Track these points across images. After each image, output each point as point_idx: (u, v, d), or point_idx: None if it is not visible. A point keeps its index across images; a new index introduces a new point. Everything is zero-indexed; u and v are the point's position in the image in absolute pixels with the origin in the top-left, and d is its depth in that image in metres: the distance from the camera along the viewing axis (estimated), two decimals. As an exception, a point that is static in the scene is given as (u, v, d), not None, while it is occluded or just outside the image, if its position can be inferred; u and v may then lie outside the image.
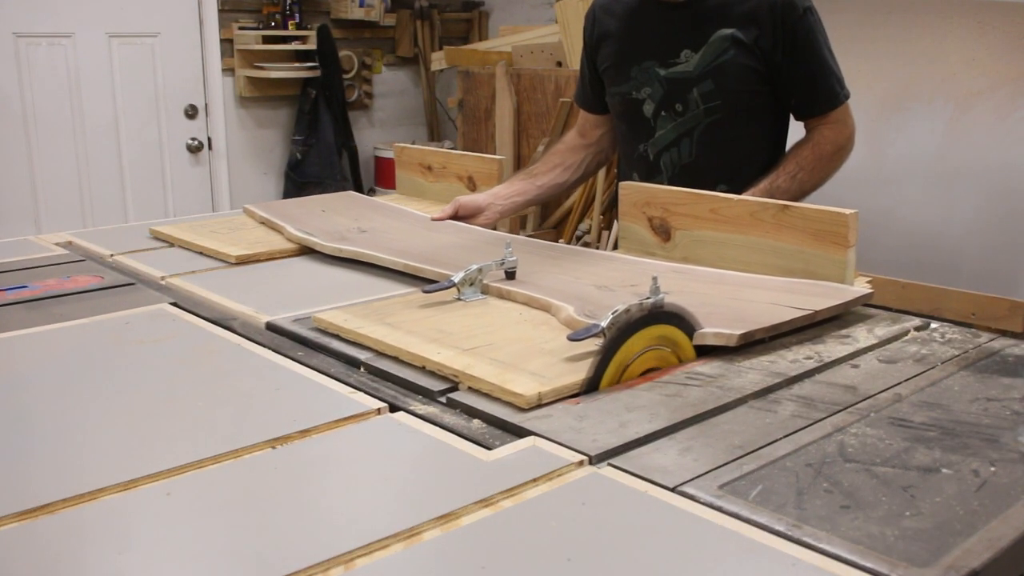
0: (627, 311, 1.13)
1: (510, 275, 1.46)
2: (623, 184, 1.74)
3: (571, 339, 1.13)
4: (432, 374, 1.13)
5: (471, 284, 1.41)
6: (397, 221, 1.93)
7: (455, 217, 1.91)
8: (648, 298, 1.17)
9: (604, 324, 1.12)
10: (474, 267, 1.42)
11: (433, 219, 1.90)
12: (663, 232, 1.66)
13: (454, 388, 1.10)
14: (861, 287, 1.40)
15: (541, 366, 1.11)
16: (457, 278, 1.40)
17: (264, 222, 1.97)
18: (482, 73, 4.09)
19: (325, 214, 1.99)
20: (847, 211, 1.41)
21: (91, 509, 0.84)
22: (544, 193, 2.05)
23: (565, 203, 3.82)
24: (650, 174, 1.91)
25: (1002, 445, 0.94)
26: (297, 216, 1.94)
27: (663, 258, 1.65)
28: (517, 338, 1.22)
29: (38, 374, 1.18)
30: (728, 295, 1.36)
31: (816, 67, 1.79)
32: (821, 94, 1.81)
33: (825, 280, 1.42)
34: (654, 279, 1.18)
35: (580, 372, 1.09)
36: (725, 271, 1.51)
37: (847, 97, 1.82)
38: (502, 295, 1.42)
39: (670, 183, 1.85)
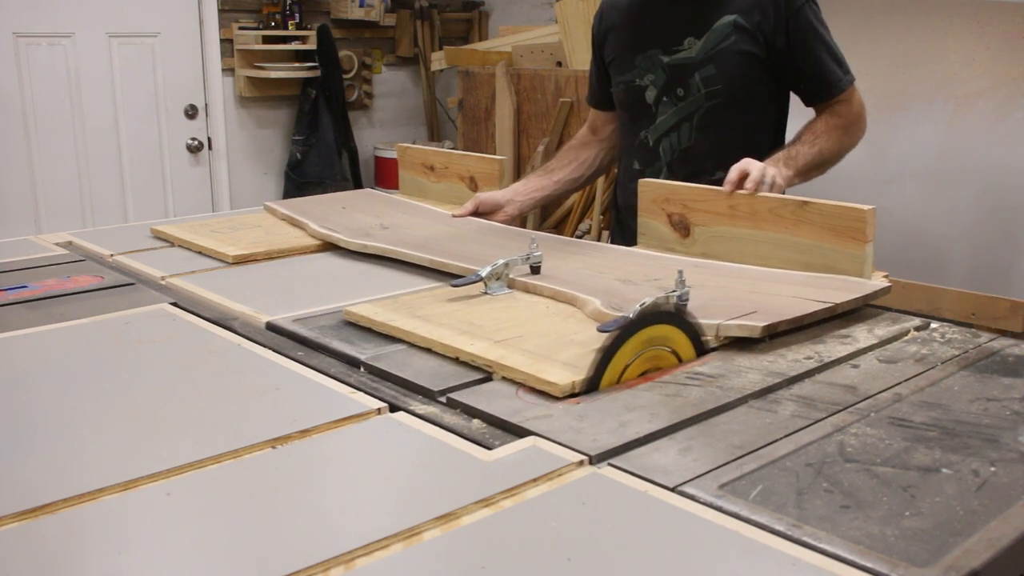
0: (655, 303, 1.15)
1: (535, 270, 1.49)
2: (642, 181, 1.77)
3: (601, 330, 1.14)
4: (431, 374, 1.13)
5: (498, 278, 1.44)
6: (418, 217, 1.96)
7: (475, 214, 1.95)
8: (674, 291, 1.20)
9: (633, 316, 1.13)
10: (500, 262, 1.44)
11: (454, 216, 1.95)
12: (682, 228, 1.69)
13: (453, 388, 1.10)
14: (879, 281, 1.43)
15: (573, 356, 1.14)
16: (484, 272, 1.42)
17: (285, 219, 1.99)
18: (482, 73, 4.09)
19: (346, 211, 2.01)
20: (865, 207, 1.44)
21: (91, 509, 0.84)
22: (561, 188, 2.12)
23: (565, 203, 3.82)
24: (649, 161, 1.97)
25: (1002, 445, 0.94)
26: (318, 213, 1.97)
27: (683, 254, 1.66)
28: (546, 331, 1.24)
29: (38, 374, 1.18)
30: (750, 288, 1.38)
31: (819, 53, 1.85)
32: (825, 80, 1.86)
33: (843, 275, 1.45)
34: (679, 272, 1.22)
35: None
36: (745, 266, 1.54)
37: (852, 81, 1.87)
38: (528, 289, 1.44)
39: (668, 168, 1.93)
